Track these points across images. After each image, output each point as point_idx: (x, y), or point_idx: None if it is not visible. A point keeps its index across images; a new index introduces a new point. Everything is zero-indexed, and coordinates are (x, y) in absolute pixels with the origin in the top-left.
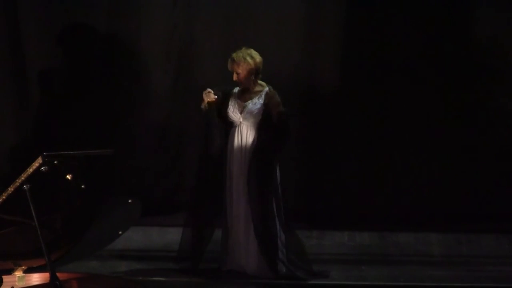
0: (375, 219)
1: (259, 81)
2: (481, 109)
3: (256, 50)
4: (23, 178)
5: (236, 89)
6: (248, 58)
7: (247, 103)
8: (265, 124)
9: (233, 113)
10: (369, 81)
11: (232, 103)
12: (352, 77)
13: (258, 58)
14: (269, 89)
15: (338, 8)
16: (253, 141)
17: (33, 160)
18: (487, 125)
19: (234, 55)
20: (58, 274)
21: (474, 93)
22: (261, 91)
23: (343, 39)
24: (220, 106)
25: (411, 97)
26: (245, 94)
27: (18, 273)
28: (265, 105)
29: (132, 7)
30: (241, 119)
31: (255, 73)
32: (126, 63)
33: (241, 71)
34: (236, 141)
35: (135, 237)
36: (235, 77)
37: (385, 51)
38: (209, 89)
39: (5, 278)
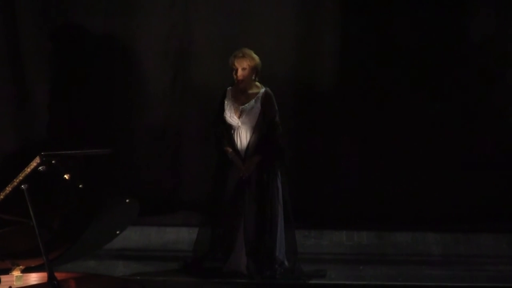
0: (373, 218)
1: (256, 83)
2: (480, 109)
3: (254, 49)
4: (21, 178)
5: (229, 90)
6: (254, 55)
7: (244, 106)
8: (261, 125)
9: (231, 118)
10: (367, 81)
11: (228, 107)
12: (350, 77)
13: (257, 58)
14: (266, 90)
15: (336, 8)
16: (253, 142)
17: (31, 159)
18: (486, 125)
19: (241, 51)
20: (56, 274)
21: (473, 93)
22: (257, 92)
23: (341, 39)
24: (219, 111)
25: (410, 98)
26: (241, 96)
27: (16, 273)
28: (262, 105)
29: (130, 7)
30: (239, 123)
31: (256, 72)
32: (124, 62)
33: (247, 66)
34: (236, 144)
35: (133, 236)
36: (240, 73)
37: (383, 52)
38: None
39: (3, 278)
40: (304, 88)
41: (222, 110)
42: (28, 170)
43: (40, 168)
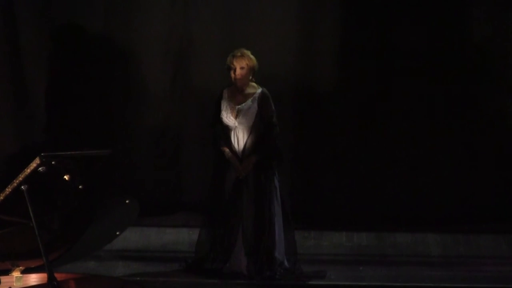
0: (373, 219)
1: (252, 83)
2: (480, 110)
3: (253, 50)
4: (20, 179)
5: (225, 91)
6: (251, 55)
7: (240, 106)
8: (258, 125)
9: (227, 118)
10: (367, 82)
11: (225, 107)
12: (349, 77)
13: (255, 58)
14: (263, 90)
15: (335, 8)
16: (250, 143)
17: (31, 160)
18: (486, 126)
19: (239, 50)
20: (56, 275)
21: (473, 93)
22: (254, 93)
23: (341, 39)
24: (215, 112)
25: (410, 98)
26: (237, 96)
27: (16, 274)
28: (259, 106)
29: (130, 7)
30: (236, 124)
31: (253, 72)
32: (124, 62)
33: (245, 65)
34: (233, 145)
35: (133, 237)
36: (238, 72)
37: (383, 52)
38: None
39: (3, 279)
40: (304, 88)
41: (218, 111)
42: (28, 171)
43: (40, 169)
